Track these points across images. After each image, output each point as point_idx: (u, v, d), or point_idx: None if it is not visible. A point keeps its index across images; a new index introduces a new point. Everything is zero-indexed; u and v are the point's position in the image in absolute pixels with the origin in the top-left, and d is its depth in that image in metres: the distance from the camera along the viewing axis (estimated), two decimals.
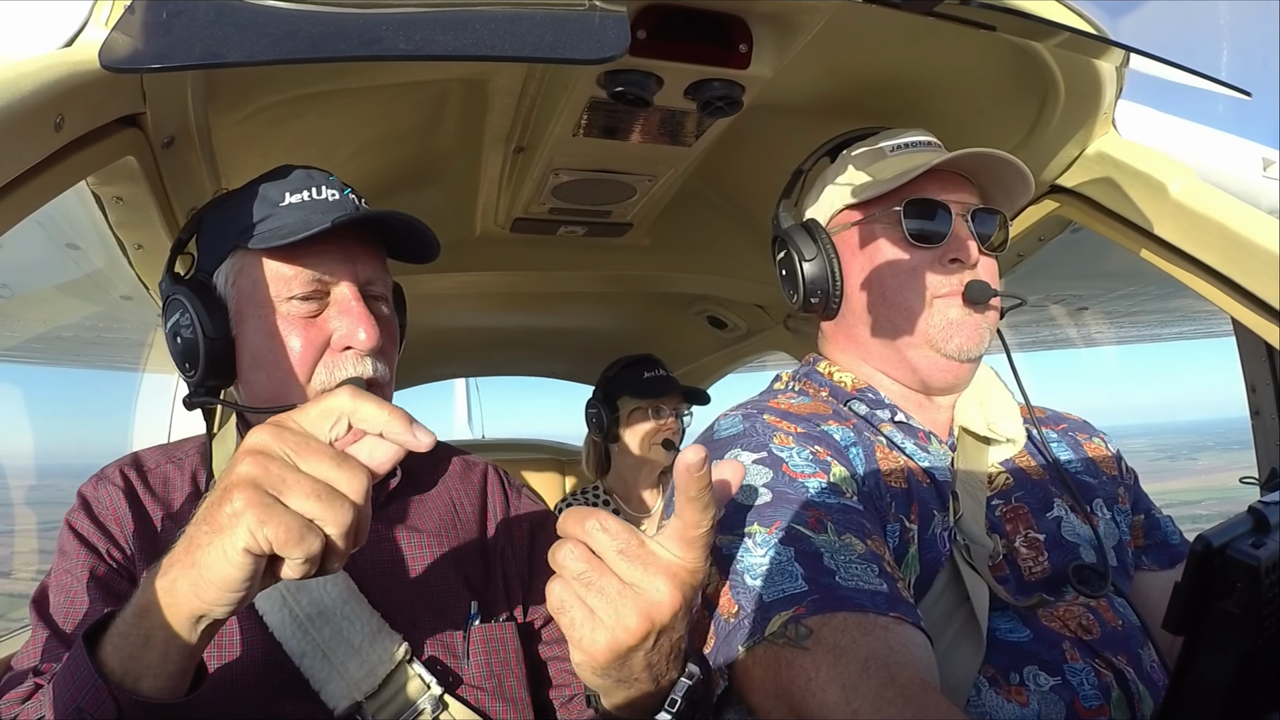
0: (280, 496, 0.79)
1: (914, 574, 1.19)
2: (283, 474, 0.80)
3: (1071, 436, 1.51)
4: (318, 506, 0.79)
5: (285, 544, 0.77)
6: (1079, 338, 3.93)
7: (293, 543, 0.77)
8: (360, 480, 0.82)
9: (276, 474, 0.80)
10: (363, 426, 0.84)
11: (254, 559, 0.78)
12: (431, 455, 1.48)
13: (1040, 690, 1.10)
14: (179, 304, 1.27)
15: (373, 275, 1.32)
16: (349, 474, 0.82)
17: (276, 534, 0.77)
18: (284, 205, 1.27)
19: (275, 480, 0.79)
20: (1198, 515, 25.22)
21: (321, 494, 0.80)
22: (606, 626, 0.81)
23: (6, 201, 0.97)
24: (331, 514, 0.79)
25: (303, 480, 0.80)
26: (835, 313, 1.46)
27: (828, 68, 1.58)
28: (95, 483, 1.28)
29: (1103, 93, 1.52)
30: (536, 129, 1.72)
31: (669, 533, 0.83)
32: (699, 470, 0.79)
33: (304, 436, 0.83)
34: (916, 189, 1.34)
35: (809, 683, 0.94)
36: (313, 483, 0.80)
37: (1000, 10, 1.25)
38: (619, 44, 0.98)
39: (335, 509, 0.80)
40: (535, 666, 1.39)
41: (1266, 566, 0.58)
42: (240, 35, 0.90)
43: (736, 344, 3.39)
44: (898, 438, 1.34)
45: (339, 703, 1.17)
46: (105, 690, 0.84)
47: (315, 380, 1.25)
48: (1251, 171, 1.79)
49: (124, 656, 0.86)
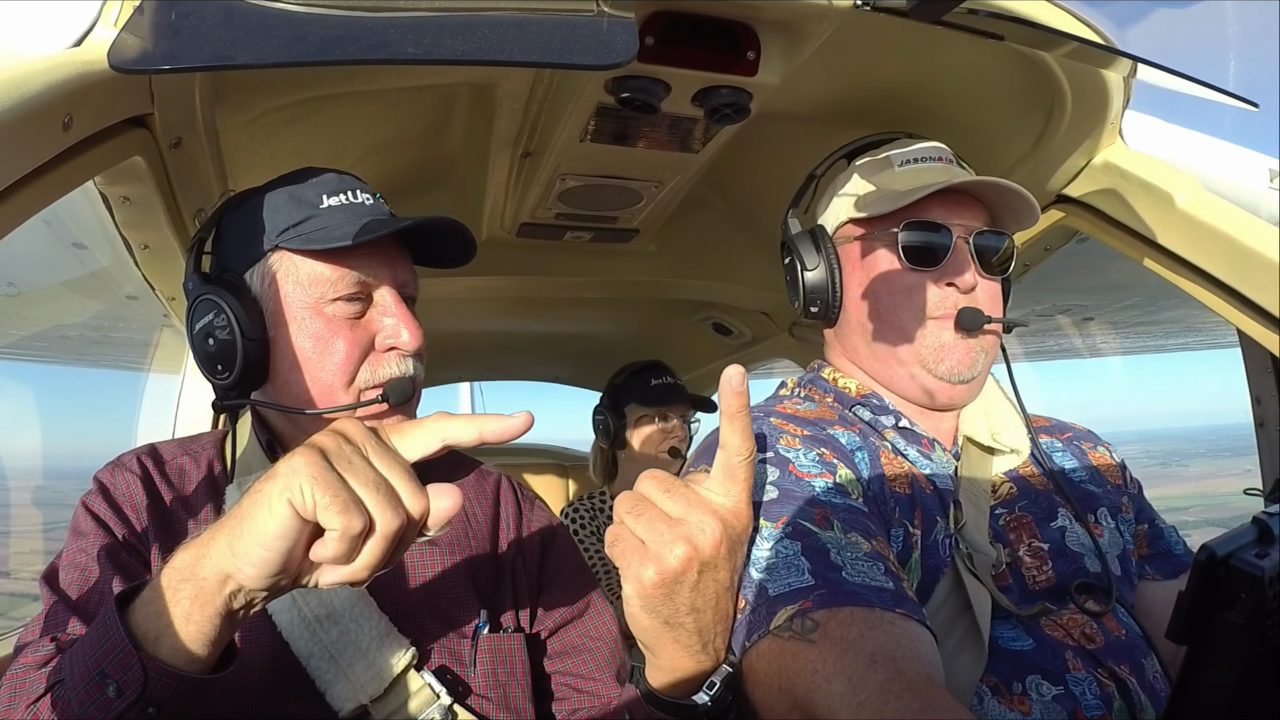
0: (342, 472, 0.79)
1: (916, 580, 1.19)
2: (352, 457, 0.80)
3: (1076, 446, 1.50)
4: (374, 496, 0.79)
5: (329, 508, 0.76)
6: (1084, 348, 3.92)
7: (337, 509, 0.76)
8: (421, 501, 0.82)
9: (347, 453, 0.80)
10: (456, 439, 0.87)
11: (293, 515, 0.77)
12: (447, 463, 1.50)
13: (1043, 699, 1.10)
14: (213, 304, 1.25)
15: (407, 278, 1.33)
16: (414, 489, 0.82)
17: (324, 496, 0.76)
18: (324, 208, 1.27)
19: (343, 456, 0.80)
20: (1185, 521, 25.14)
21: (382, 488, 0.80)
22: (653, 555, 0.88)
23: (14, 200, 0.98)
24: (384, 509, 0.79)
25: (369, 469, 0.80)
26: (835, 321, 1.47)
27: (835, 76, 1.58)
28: (112, 469, 1.28)
29: (1110, 103, 1.52)
30: (544, 134, 1.73)
31: (715, 470, 0.92)
32: (740, 386, 0.89)
33: (386, 445, 0.85)
34: (920, 209, 1.34)
35: (815, 675, 0.94)
36: (378, 475, 0.81)
37: (1008, 20, 1.25)
38: (627, 50, 0.98)
39: (389, 507, 0.79)
40: (540, 679, 1.38)
41: (1271, 577, 0.57)
42: (249, 37, 0.91)
43: (741, 351, 3.39)
44: (901, 444, 1.33)
45: (344, 705, 1.17)
46: (133, 654, 0.83)
47: (359, 380, 1.26)
48: (1258, 183, 1.79)
49: (149, 613, 0.85)
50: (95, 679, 0.85)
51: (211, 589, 0.82)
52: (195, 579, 0.83)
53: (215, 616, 0.84)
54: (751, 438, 0.90)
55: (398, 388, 1.26)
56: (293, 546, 0.79)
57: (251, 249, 1.28)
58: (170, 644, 0.84)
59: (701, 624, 0.93)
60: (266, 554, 0.79)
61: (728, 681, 0.97)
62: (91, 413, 3.72)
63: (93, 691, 0.86)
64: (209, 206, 1.62)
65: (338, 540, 0.77)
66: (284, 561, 0.80)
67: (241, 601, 0.84)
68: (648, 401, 3.06)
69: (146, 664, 0.83)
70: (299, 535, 0.79)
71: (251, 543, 0.79)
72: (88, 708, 0.86)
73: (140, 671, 0.83)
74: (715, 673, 0.97)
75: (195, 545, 0.85)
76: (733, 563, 0.94)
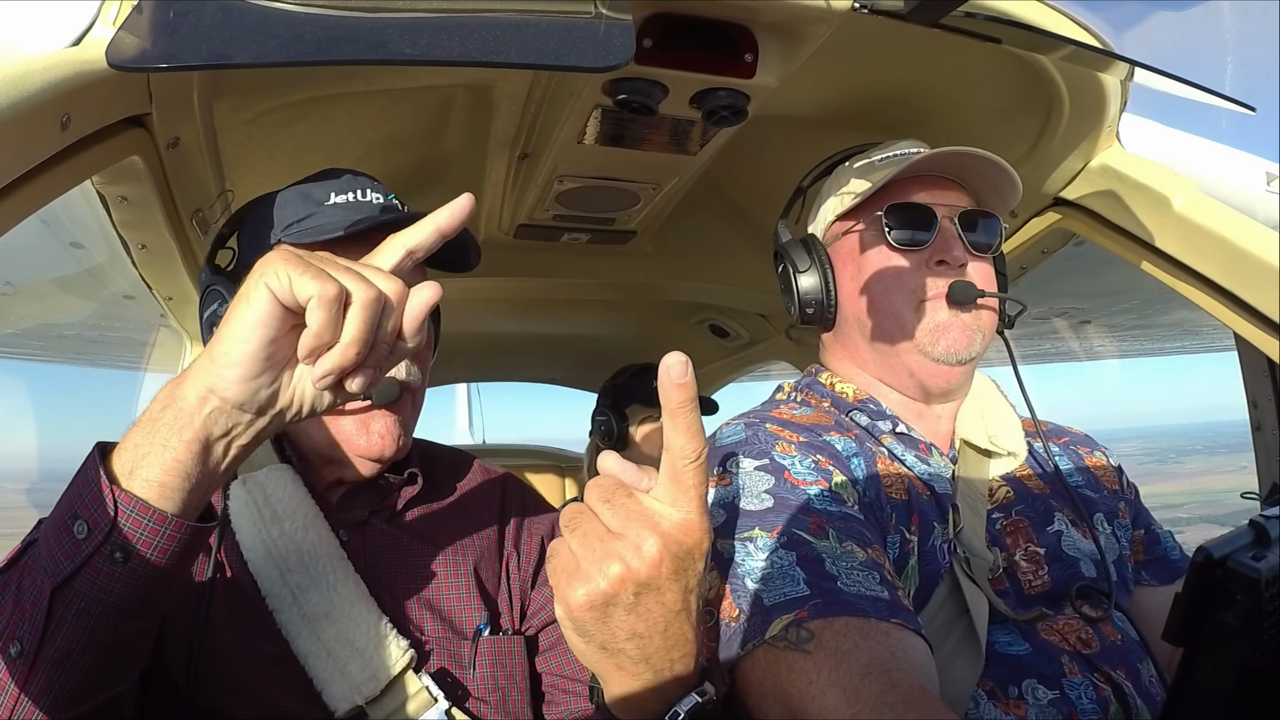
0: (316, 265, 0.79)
1: (913, 585, 1.19)
2: (323, 260, 0.80)
3: (1073, 450, 1.51)
4: (347, 275, 0.78)
5: (302, 276, 0.76)
6: (1081, 351, 3.93)
7: (310, 275, 0.76)
8: (395, 282, 0.82)
9: (318, 259, 0.80)
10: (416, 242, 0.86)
11: (270, 298, 0.77)
12: (452, 463, 1.50)
13: (1039, 704, 1.10)
14: (217, 294, 1.27)
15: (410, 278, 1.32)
16: (385, 274, 0.82)
17: (298, 270, 0.76)
18: (329, 204, 1.27)
19: (315, 257, 0.80)
20: (1179, 519, 25.27)
21: (352, 271, 0.79)
22: (583, 574, 0.79)
23: (12, 199, 0.98)
24: (357, 280, 0.78)
25: (339, 263, 0.80)
26: (832, 323, 1.47)
27: (833, 78, 1.59)
28: None
29: (1107, 106, 1.53)
30: (541, 136, 1.72)
31: (661, 475, 0.80)
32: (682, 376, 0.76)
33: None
34: (901, 193, 1.35)
35: (809, 686, 0.94)
36: (349, 268, 0.80)
37: (1005, 23, 1.26)
38: (624, 52, 0.98)
39: (363, 280, 0.79)
40: (536, 682, 1.38)
41: (1267, 579, 0.57)
42: (247, 37, 0.91)
43: (739, 353, 3.38)
44: (898, 449, 1.33)
45: (339, 704, 1.16)
46: (105, 487, 0.80)
47: None
48: (1255, 186, 1.79)
49: (126, 448, 0.83)
50: (66, 521, 0.82)
51: (191, 408, 0.81)
52: (174, 401, 0.81)
53: (194, 443, 0.81)
54: (700, 437, 0.78)
55: (383, 389, 1.26)
56: (272, 338, 0.79)
57: (261, 244, 1.28)
58: (144, 475, 0.81)
59: (647, 650, 0.81)
60: (246, 346, 0.78)
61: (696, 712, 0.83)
62: (88, 412, 3.71)
63: (62, 536, 0.82)
64: (207, 207, 1.62)
65: (315, 308, 0.76)
66: (265, 357, 0.79)
67: (221, 429, 0.82)
68: (651, 402, 3.05)
69: (118, 497, 0.80)
70: (277, 322, 0.78)
71: (231, 339, 0.79)
72: (55, 555, 0.82)
73: (111, 504, 0.80)
74: (681, 702, 0.84)
75: (176, 378, 0.84)
76: (683, 583, 0.81)
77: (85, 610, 0.82)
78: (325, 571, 1.24)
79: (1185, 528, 5.43)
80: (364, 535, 1.32)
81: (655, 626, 0.81)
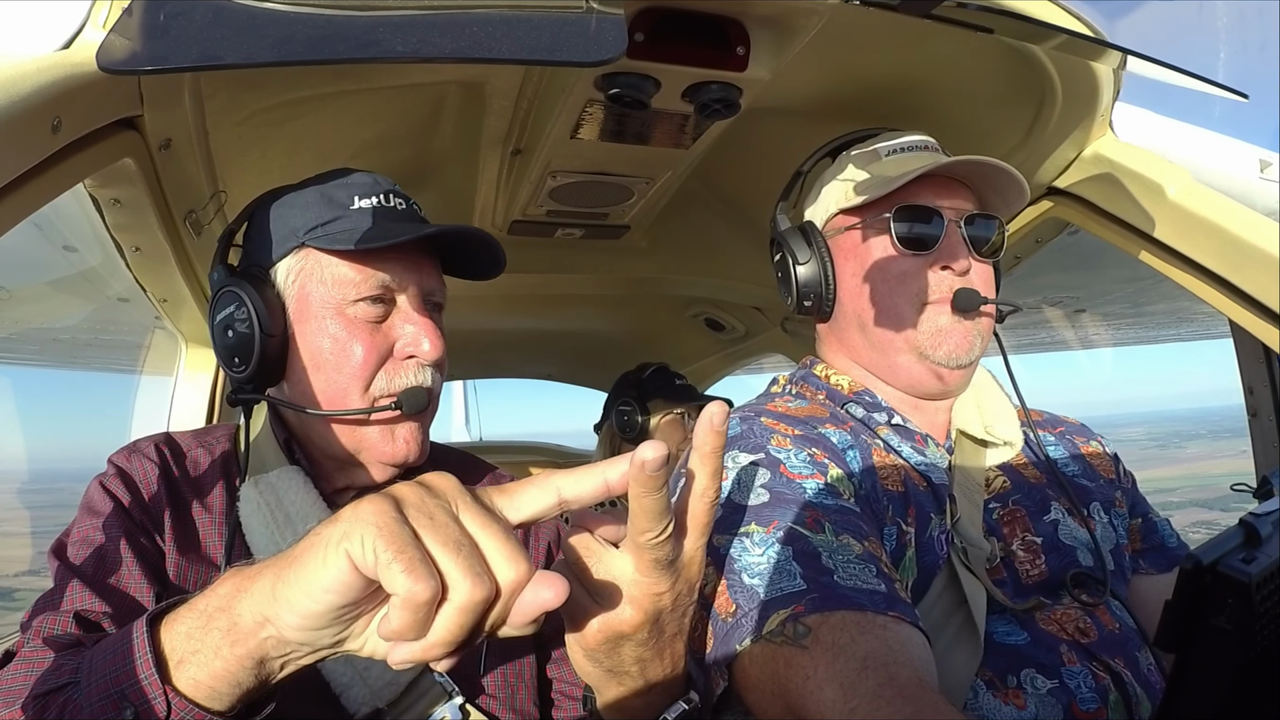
0: (417, 527, 0.66)
1: (911, 577, 1.19)
2: (435, 511, 0.67)
3: (1069, 440, 1.51)
4: (453, 558, 0.65)
5: (391, 565, 0.63)
6: (1076, 340, 3.93)
7: (401, 566, 0.63)
8: (515, 570, 0.67)
9: (429, 506, 0.68)
10: (576, 494, 0.73)
11: (350, 569, 0.65)
12: (460, 466, 1.49)
13: (1038, 693, 1.10)
14: (235, 297, 1.24)
15: (434, 286, 1.32)
16: (510, 554, 0.67)
17: (387, 551, 0.63)
18: (355, 208, 1.26)
19: (424, 510, 0.67)
20: (1170, 502, 25.29)
21: (464, 549, 0.66)
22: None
23: (4, 204, 0.97)
24: (463, 574, 0.64)
25: (453, 526, 0.67)
26: (829, 315, 1.46)
27: (825, 70, 1.58)
28: (128, 454, 1.26)
29: (1100, 95, 1.53)
30: (534, 131, 1.72)
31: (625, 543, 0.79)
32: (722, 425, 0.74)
33: (482, 503, 0.71)
34: (910, 194, 1.34)
35: (807, 681, 0.94)
36: (462, 534, 0.67)
37: (997, 13, 1.25)
38: (616, 46, 0.98)
39: (470, 573, 0.65)
40: (544, 686, 1.38)
41: (1258, 582, 0.57)
42: (237, 37, 0.90)
43: (734, 346, 3.39)
44: (894, 441, 1.33)
45: (359, 708, 1.16)
46: (158, 685, 0.76)
47: (374, 387, 1.25)
48: (1249, 173, 1.80)
49: (179, 635, 0.78)
50: (113, 697, 0.78)
51: (247, 629, 0.73)
52: (231, 613, 0.74)
53: (247, 659, 0.74)
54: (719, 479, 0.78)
55: (412, 397, 1.25)
56: (345, 605, 0.68)
57: (279, 245, 1.27)
58: (192, 674, 0.76)
59: (648, 672, 0.86)
60: (314, 606, 0.68)
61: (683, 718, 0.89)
62: (84, 416, 3.70)
63: (108, 710, 0.79)
64: (200, 208, 1.61)
65: (400, 607, 0.63)
66: (332, 619, 0.70)
67: (278, 652, 0.74)
68: (675, 399, 3.13)
69: (171, 699, 0.76)
70: (353, 593, 0.67)
71: (298, 590, 0.69)
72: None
73: (164, 705, 0.76)
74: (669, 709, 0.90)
75: (238, 576, 0.76)
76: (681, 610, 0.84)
77: None
78: None
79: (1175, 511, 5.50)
80: None
81: (658, 652, 0.86)
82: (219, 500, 1.27)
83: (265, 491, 1.27)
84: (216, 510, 1.26)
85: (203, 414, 2.37)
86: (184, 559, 1.19)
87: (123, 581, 1.12)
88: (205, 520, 1.24)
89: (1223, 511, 16.50)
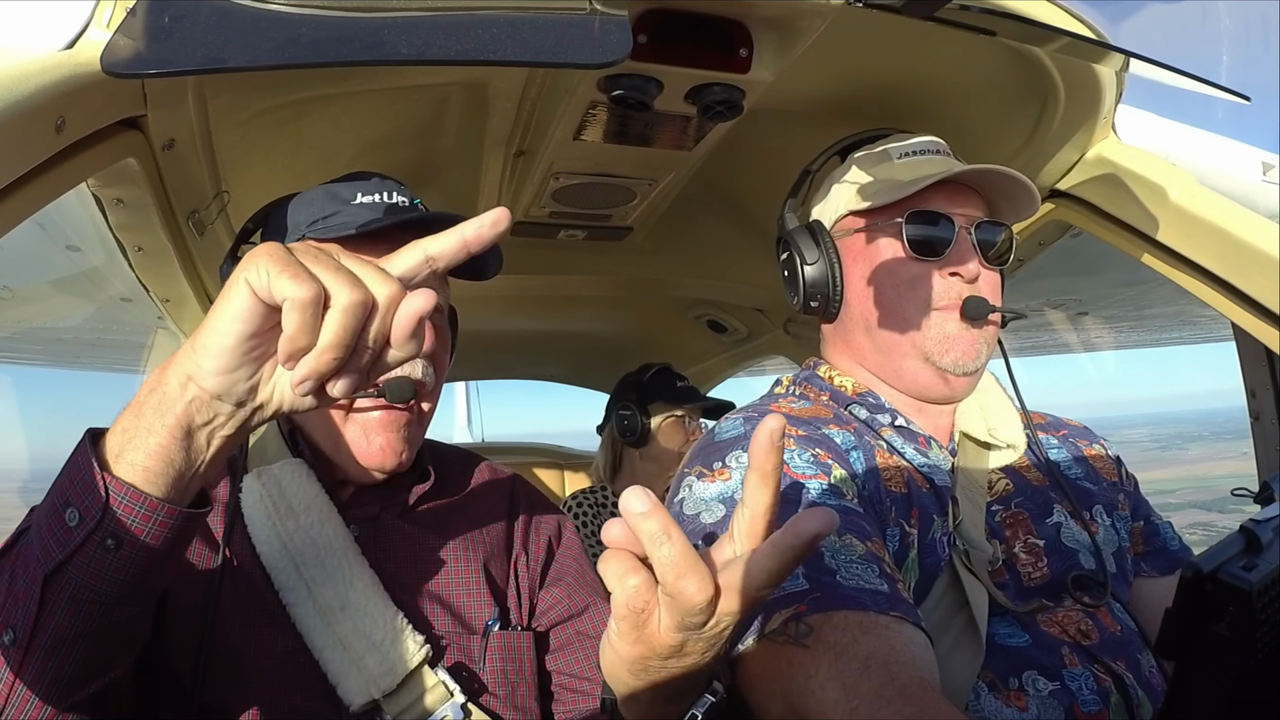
0: (304, 261, 0.73)
1: (913, 578, 1.19)
2: (318, 254, 0.75)
3: (1072, 443, 1.51)
4: (332, 275, 0.72)
5: (280, 275, 0.70)
6: (1079, 343, 3.92)
7: (289, 275, 0.70)
8: (388, 284, 0.75)
9: (314, 251, 0.75)
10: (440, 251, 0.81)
11: (249, 293, 0.72)
12: (461, 463, 1.50)
13: (1039, 695, 1.10)
14: None
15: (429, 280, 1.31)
16: (381, 275, 0.75)
17: (277, 267, 0.71)
18: (354, 204, 1.28)
19: (309, 253, 0.75)
20: (1169, 504, 25.20)
21: (342, 271, 0.73)
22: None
23: (7, 203, 0.98)
24: (341, 282, 0.72)
25: (333, 260, 0.74)
26: (835, 316, 1.46)
27: (828, 72, 1.58)
28: None
29: (1102, 97, 1.53)
30: (537, 133, 1.72)
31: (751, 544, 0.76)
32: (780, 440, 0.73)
33: (361, 257, 0.78)
34: (922, 199, 1.34)
35: (808, 680, 0.94)
36: (342, 267, 0.74)
37: (1000, 15, 1.25)
38: (620, 48, 0.98)
39: (348, 282, 0.72)
40: (544, 680, 1.38)
41: (1258, 589, 0.57)
42: (242, 40, 0.90)
43: (736, 348, 3.39)
44: (898, 442, 1.33)
45: (355, 698, 1.16)
46: (96, 472, 0.78)
47: None
48: (1251, 176, 1.79)
49: (115, 431, 0.81)
50: (57, 509, 0.81)
51: (173, 394, 0.78)
52: (159, 386, 0.79)
53: (176, 429, 0.78)
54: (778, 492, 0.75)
55: (396, 386, 1.25)
56: (251, 334, 0.74)
57: (283, 240, 1.27)
58: (130, 459, 0.79)
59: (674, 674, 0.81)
60: (223, 340, 0.74)
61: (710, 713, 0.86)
62: (87, 416, 3.70)
63: (54, 524, 0.81)
64: (203, 208, 1.62)
65: (289, 309, 0.71)
66: (242, 352, 0.75)
67: (202, 418, 0.79)
68: (676, 401, 3.10)
69: (109, 483, 0.78)
70: (256, 318, 0.74)
71: (210, 332, 0.75)
72: (47, 543, 0.82)
73: (102, 491, 0.78)
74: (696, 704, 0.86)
75: (166, 360, 0.81)
76: None
77: (78, 597, 0.82)
78: (341, 565, 1.24)
79: (1174, 513, 5.50)
80: (376, 530, 1.32)
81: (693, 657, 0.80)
82: (220, 491, 1.28)
83: (268, 483, 1.28)
84: (217, 500, 1.26)
85: None
86: None
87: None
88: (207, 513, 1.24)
89: (1220, 513, 16.50)
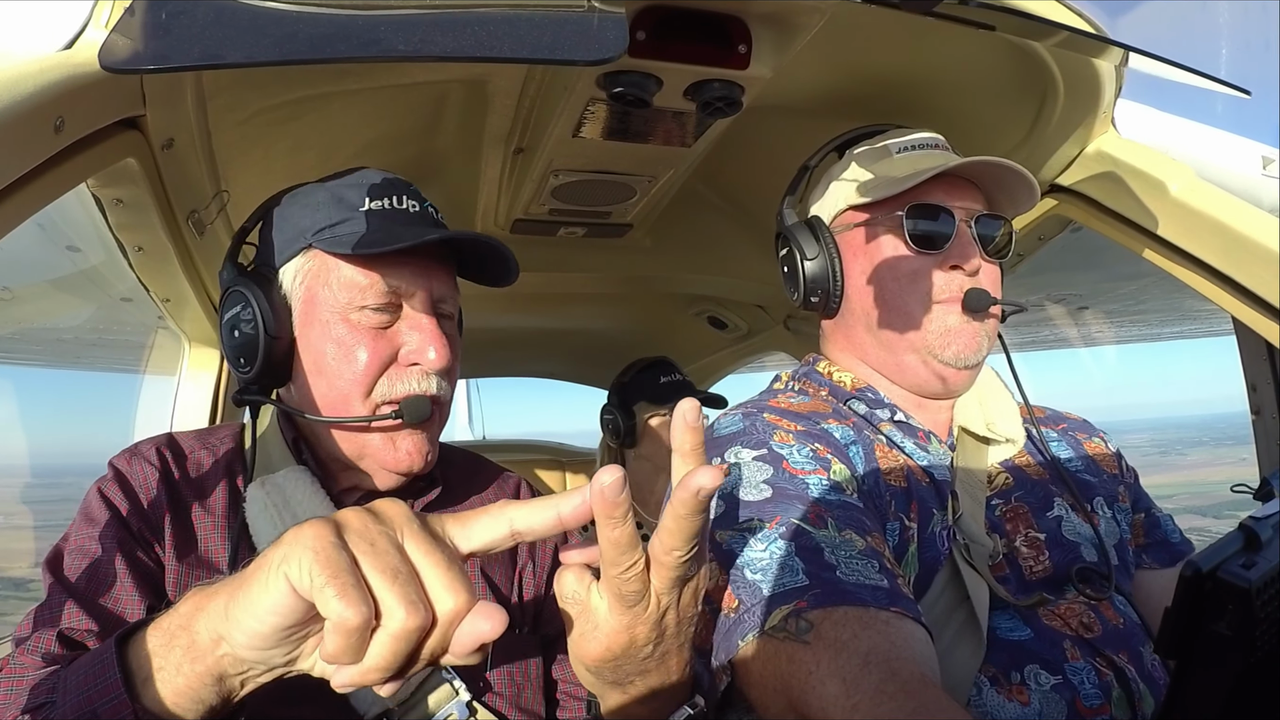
0: (356, 553, 0.66)
1: (913, 573, 1.20)
2: (377, 538, 0.67)
3: (1071, 436, 1.51)
4: (388, 585, 0.65)
5: (324, 589, 0.63)
6: (1079, 337, 3.93)
7: (334, 591, 0.63)
8: (453, 600, 0.66)
9: (372, 533, 0.68)
10: (528, 525, 0.72)
11: (289, 592, 0.66)
12: (467, 467, 1.49)
13: (1041, 689, 1.10)
14: (241, 296, 1.24)
15: (445, 293, 1.30)
16: (450, 583, 0.67)
17: (321, 575, 0.63)
18: (364, 210, 1.24)
19: (365, 535, 0.67)
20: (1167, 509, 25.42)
21: (401, 577, 0.65)
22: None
23: (7, 204, 0.98)
24: (396, 602, 0.64)
25: (393, 554, 0.67)
26: (835, 312, 1.46)
27: (827, 68, 1.58)
28: (129, 458, 1.25)
29: (1102, 92, 1.53)
30: (536, 130, 1.72)
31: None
32: (695, 421, 0.71)
33: (430, 532, 0.70)
34: (922, 193, 1.34)
35: (809, 676, 0.94)
36: (400, 562, 0.67)
37: (999, 10, 1.25)
38: (618, 45, 0.98)
39: (404, 601, 0.65)
40: (550, 686, 1.38)
41: (1258, 587, 0.57)
42: (240, 36, 0.90)
43: (737, 344, 3.39)
44: (897, 437, 1.34)
45: (369, 709, 1.15)
46: (127, 705, 0.77)
47: (376, 393, 1.24)
48: (1251, 170, 1.79)
49: (145, 653, 0.79)
50: (86, 717, 0.80)
51: (204, 647, 0.74)
52: (190, 631, 0.76)
53: (206, 676, 0.75)
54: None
55: (414, 406, 1.23)
56: (289, 626, 0.69)
57: (288, 245, 1.26)
58: (158, 691, 0.77)
59: (650, 681, 0.85)
60: (259, 628, 0.69)
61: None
62: (87, 416, 3.70)
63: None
64: (202, 208, 1.62)
65: (332, 631, 0.64)
66: (278, 639, 0.70)
67: (235, 670, 0.75)
68: (658, 400, 3.02)
69: (140, 716, 0.77)
70: (295, 615, 0.68)
71: (245, 612, 0.69)
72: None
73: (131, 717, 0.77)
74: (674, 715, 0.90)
75: (198, 596, 0.77)
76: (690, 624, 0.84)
77: None
78: None
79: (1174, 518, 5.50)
80: None
81: (661, 662, 0.85)
82: (221, 501, 1.26)
83: (272, 492, 1.26)
84: (219, 512, 1.25)
85: (205, 413, 2.37)
86: (184, 565, 1.18)
87: (114, 597, 1.11)
88: (207, 524, 1.23)
89: (1215, 519, 16.71)
